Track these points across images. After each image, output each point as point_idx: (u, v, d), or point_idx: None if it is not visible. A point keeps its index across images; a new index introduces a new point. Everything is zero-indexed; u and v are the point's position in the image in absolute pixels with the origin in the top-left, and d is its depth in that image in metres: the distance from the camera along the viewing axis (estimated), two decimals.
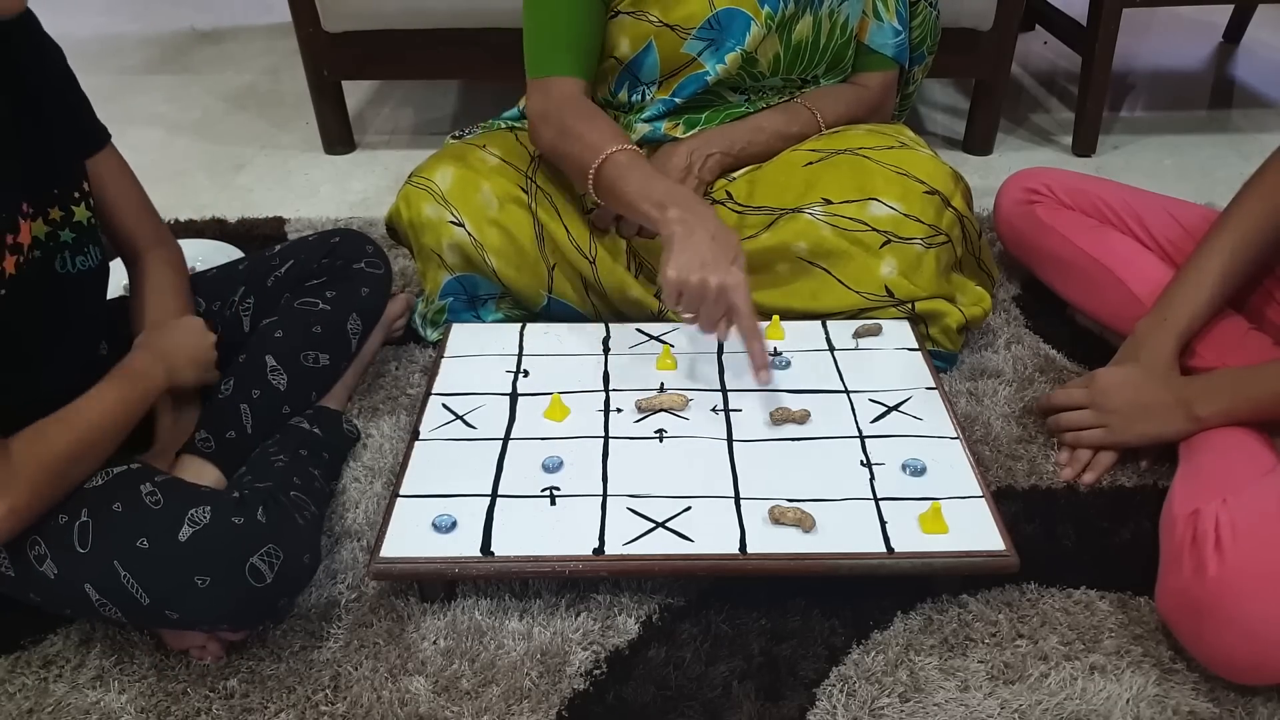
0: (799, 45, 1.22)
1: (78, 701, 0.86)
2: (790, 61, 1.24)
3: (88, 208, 0.92)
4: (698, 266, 0.97)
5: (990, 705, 0.84)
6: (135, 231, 1.02)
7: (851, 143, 1.22)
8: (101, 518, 0.81)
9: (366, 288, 1.15)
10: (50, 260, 0.88)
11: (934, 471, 0.97)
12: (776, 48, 1.22)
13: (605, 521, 0.92)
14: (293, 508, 0.88)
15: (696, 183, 1.22)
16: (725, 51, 1.19)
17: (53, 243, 0.88)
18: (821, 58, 1.25)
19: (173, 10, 2.80)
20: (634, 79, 1.25)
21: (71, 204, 0.90)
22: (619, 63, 1.24)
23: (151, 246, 1.03)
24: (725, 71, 1.21)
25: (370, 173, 1.86)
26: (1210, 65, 2.36)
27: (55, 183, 0.89)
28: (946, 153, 1.67)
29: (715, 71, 1.21)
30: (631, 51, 1.22)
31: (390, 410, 1.19)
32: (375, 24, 1.73)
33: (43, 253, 0.87)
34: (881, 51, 1.28)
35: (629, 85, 1.25)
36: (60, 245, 0.88)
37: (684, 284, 0.97)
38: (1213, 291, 1.08)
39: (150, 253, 1.03)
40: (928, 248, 1.15)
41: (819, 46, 1.23)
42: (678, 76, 1.23)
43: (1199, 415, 1.01)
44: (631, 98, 1.26)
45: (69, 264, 0.89)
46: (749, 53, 1.20)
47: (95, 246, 0.92)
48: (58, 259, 0.88)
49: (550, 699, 0.85)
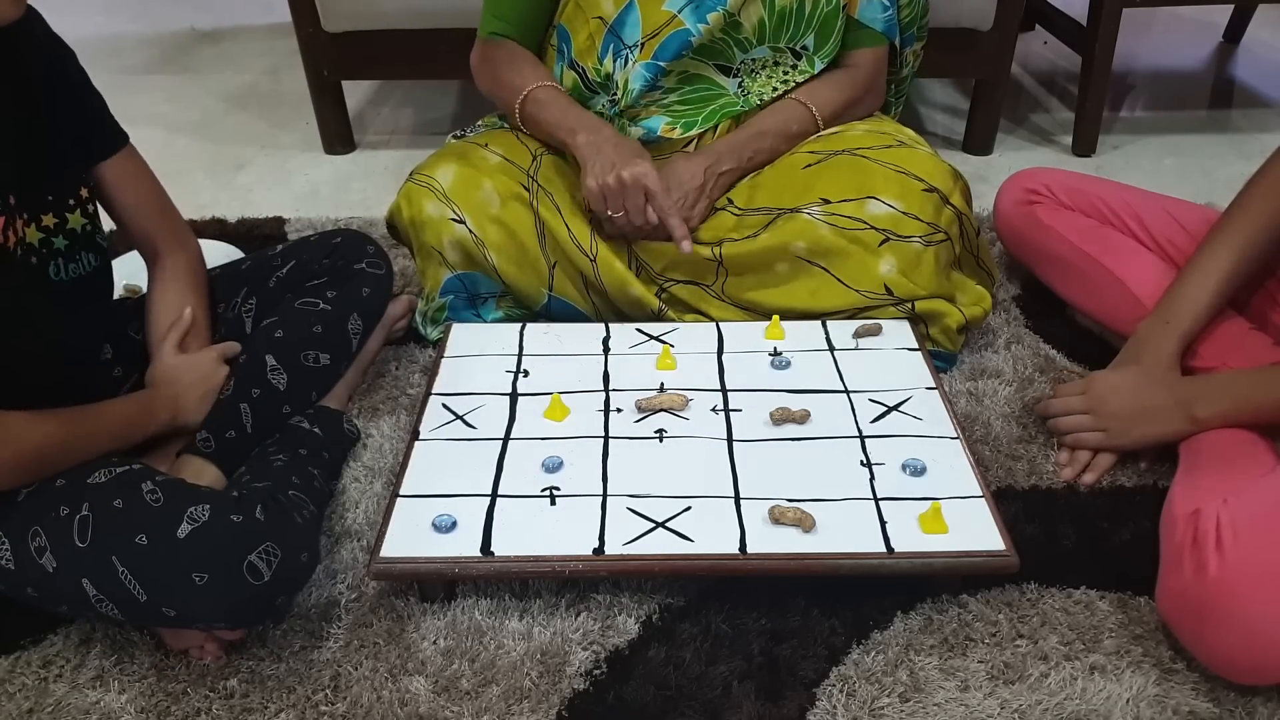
0: (783, 10, 1.21)
1: (78, 701, 0.86)
2: (776, 27, 1.22)
3: (84, 215, 0.91)
4: (609, 168, 1.12)
5: (990, 705, 0.84)
6: (154, 234, 1.03)
7: (850, 143, 1.21)
8: (102, 513, 0.82)
9: (367, 288, 1.15)
10: (44, 266, 0.88)
11: (934, 471, 0.97)
12: (760, 11, 1.21)
13: (605, 521, 0.92)
14: (291, 506, 0.89)
15: (707, 202, 1.22)
16: (707, 10, 1.19)
17: (46, 249, 0.88)
18: (809, 26, 1.24)
19: (173, 10, 2.80)
20: (618, 41, 1.24)
21: (66, 211, 0.90)
22: (603, 23, 1.23)
23: (170, 250, 1.04)
24: (708, 32, 1.20)
25: (370, 173, 1.86)
26: (1210, 65, 2.36)
27: (50, 189, 0.88)
28: (946, 153, 1.67)
29: (698, 31, 1.20)
30: (614, 10, 1.22)
31: (390, 410, 1.19)
32: (375, 24, 1.73)
33: (37, 259, 0.87)
34: (871, 26, 1.27)
35: (613, 50, 1.24)
36: (54, 252, 0.88)
37: (604, 186, 1.12)
38: (1214, 293, 1.07)
39: (168, 256, 1.04)
40: (927, 246, 1.15)
41: (804, 13, 1.22)
42: (659, 36, 1.21)
43: (1198, 417, 1.00)
44: (616, 64, 1.25)
45: (63, 271, 0.89)
46: (731, 14, 1.19)
47: (90, 253, 0.92)
48: (51, 265, 0.88)
49: (550, 699, 0.85)
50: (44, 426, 0.85)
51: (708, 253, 1.19)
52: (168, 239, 1.04)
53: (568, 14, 1.27)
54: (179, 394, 1.00)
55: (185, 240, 1.06)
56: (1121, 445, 1.06)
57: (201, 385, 1.01)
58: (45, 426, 0.85)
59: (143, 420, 0.96)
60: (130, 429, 0.94)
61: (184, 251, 1.05)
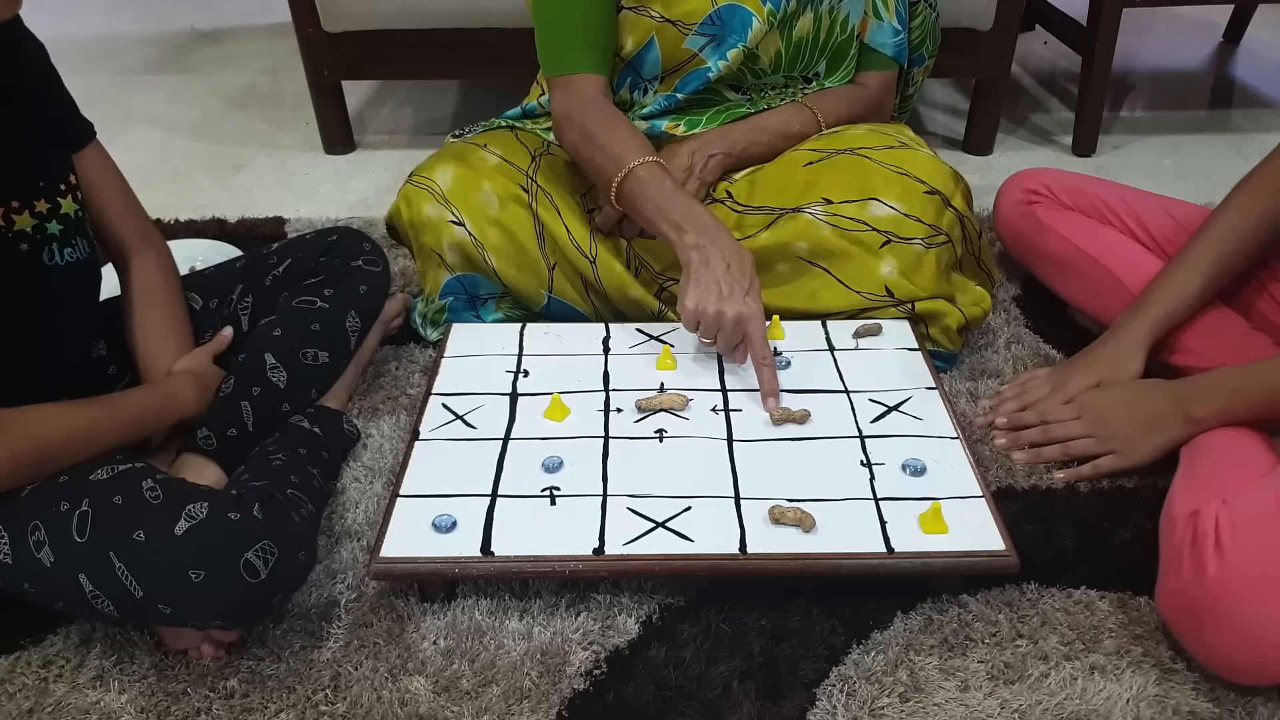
0: (800, 42, 1.22)
1: (78, 701, 0.86)
2: (791, 59, 1.24)
3: (75, 200, 0.92)
4: (715, 298, 1.02)
5: (990, 705, 0.84)
6: (122, 229, 1.03)
7: (852, 142, 1.22)
8: (101, 509, 0.82)
9: (364, 285, 1.15)
10: (38, 252, 0.88)
11: (934, 471, 0.97)
12: (778, 44, 1.22)
13: (605, 521, 0.92)
14: (289, 505, 0.88)
15: (698, 184, 1.22)
16: (728, 48, 1.19)
17: (40, 235, 0.88)
18: (822, 54, 1.25)
19: (173, 10, 2.80)
20: (636, 76, 1.25)
21: (58, 196, 0.90)
22: (621, 60, 1.24)
23: (140, 248, 1.04)
24: (728, 68, 1.21)
25: (370, 173, 1.86)
26: (1210, 65, 2.36)
27: (41, 175, 0.89)
28: (946, 153, 1.67)
29: (718, 68, 1.21)
30: (634, 48, 1.22)
31: (390, 410, 1.19)
32: (375, 24, 1.73)
33: (30, 245, 0.87)
34: (881, 51, 1.28)
35: (631, 82, 1.26)
36: (48, 238, 0.89)
37: (702, 314, 1.03)
38: (1193, 284, 1.08)
39: (138, 255, 1.04)
40: (928, 248, 1.15)
41: (819, 43, 1.24)
42: (679, 73, 1.23)
43: (1196, 417, 1.00)
44: (634, 95, 1.26)
45: (57, 256, 0.90)
46: (751, 49, 1.20)
47: (83, 239, 0.93)
48: (45, 251, 0.89)
49: (550, 699, 0.85)
50: (66, 418, 0.86)
51: None
52: (137, 237, 1.04)
53: None
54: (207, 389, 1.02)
55: (154, 239, 1.06)
56: (1137, 463, 1.04)
57: (199, 383, 1.02)
58: (67, 418, 0.86)
59: (164, 408, 0.97)
60: (146, 417, 0.96)
61: (154, 250, 1.05)
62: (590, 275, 1.21)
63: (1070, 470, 1.06)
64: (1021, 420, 1.11)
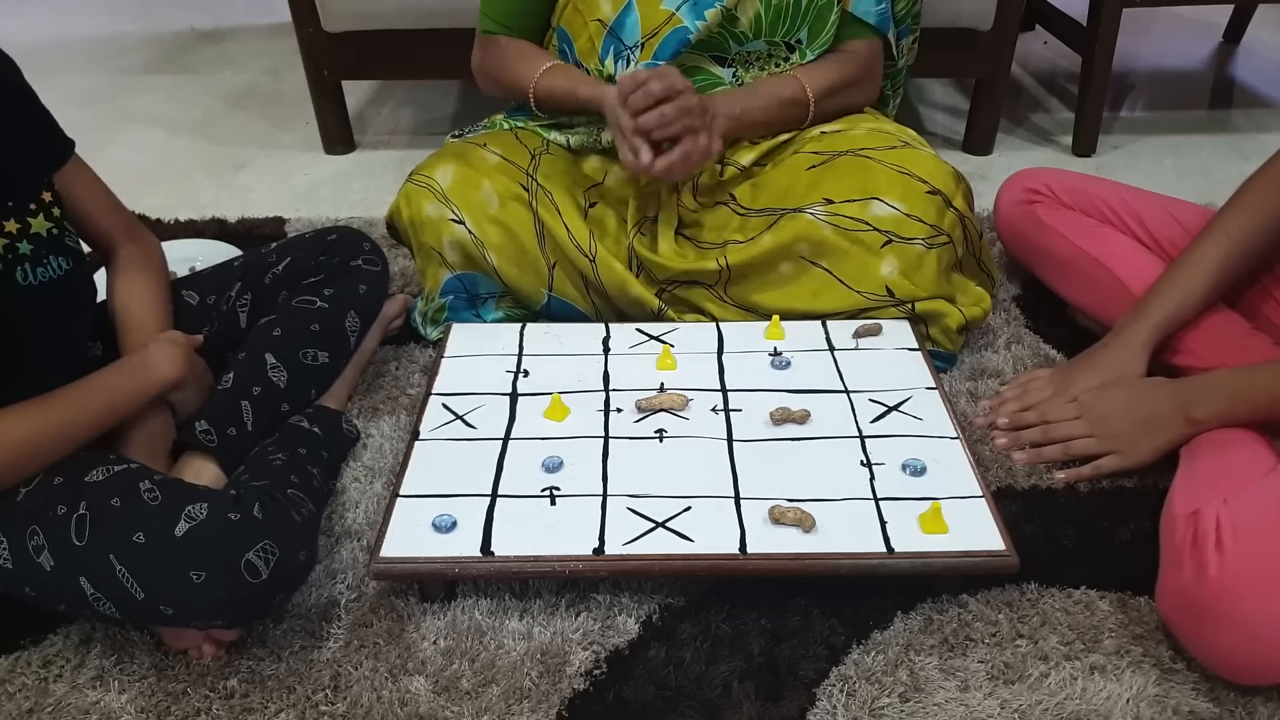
0: (779, 6, 1.21)
1: (78, 701, 0.86)
2: (772, 22, 1.23)
3: (48, 218, 0.91)
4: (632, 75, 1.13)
5: (990, 705, 0.84)
6: (109, 231, 1.03)
7: (854, 143, 1.21)
8: (100, 511, 0.82)
9: (364, 285, 1.15)
10: (10, 272, 0.87)
11: (934, 471, 0.97)
12: (756, 6, 1.21)
13: (605, 521, 0.92)
14: (289, 505, 0.89)
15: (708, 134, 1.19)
16: (704, 7, 1.19)
17: (10, 255, 0.87)
18: (803, 20, 1.24)
19: (173, 10, 2.80)
20: (619, 43, 1.24)
21: (28, 216, 0.89)
22: (602, 26, 1.24)
23: (124, 242, 1.03)
24: (706, 29, 1.20)
25: (370, 172, 1.86)
26: (1210, 65, 2.36)
27: (8, 195, 0.88)
28: (946, 153, 1.67)
29: (696, 28, 1.20)
30: (613, 12, 1.23)
31: (390, 410, 1.19)
32: (375, 24, 1.73)
33: (2, 265, 0.87)
34: (865, 19, 1.27)
35: (614, 51, 1.25)
36: (20, 257, 0.88)
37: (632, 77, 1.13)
38: (1197, 286, 1.08)
39: (123, 249, 1.03)
40: (929, 248, 1.15)
41: (799, 7, 1.22)
42: (658, 35, 1.22)
43: (1197, 418, 1.00)
44: (617, 65, 1.25)
45: (30, 275, 0.89)
46: (729, 9, 1.20)
47: (59, 257, 0.92)
48: (18, 270, 0.88)
49: (550, 699, 0.85)
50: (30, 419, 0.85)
51: (713, 264, 1.19)
52: (122, 234, 1.03)
53: (566, 16, 1.27)
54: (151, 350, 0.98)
55: (139, 234, 1.06)
56: (1139, 463, 1.04)
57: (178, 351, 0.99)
58: (32, 418, 0.85)
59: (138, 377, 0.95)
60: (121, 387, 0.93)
61: (138, 244, 1.05)
62: (590, 274, 1.21)
63: (1071, 470, 1.06)
64: (1022, 420, 1.11)
